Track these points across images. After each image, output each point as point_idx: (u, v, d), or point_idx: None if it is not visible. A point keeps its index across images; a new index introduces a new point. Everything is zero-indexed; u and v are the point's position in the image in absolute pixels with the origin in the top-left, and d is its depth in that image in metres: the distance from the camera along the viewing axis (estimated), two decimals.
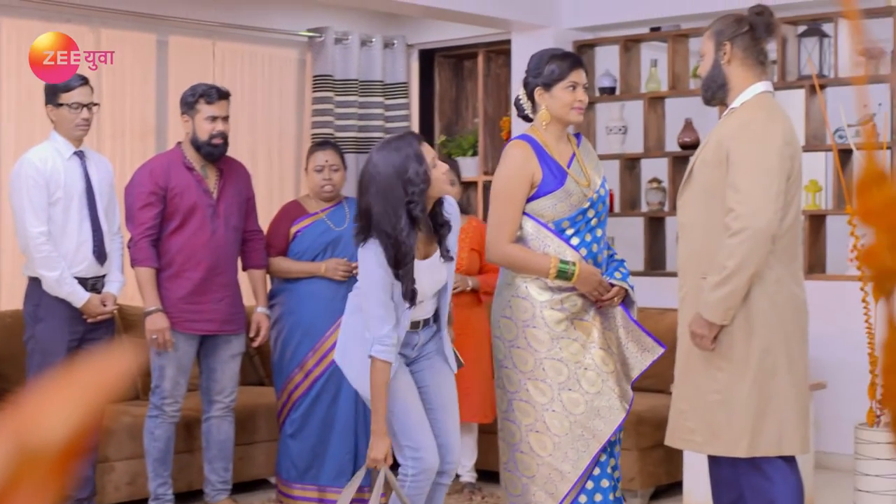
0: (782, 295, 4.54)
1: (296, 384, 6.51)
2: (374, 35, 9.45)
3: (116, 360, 0.85)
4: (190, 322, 6.12)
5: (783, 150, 4.48)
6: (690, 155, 8.38)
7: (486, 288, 6.91)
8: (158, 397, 6.18)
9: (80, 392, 0.81)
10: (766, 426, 4.53)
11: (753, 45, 4.66)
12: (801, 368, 4.64)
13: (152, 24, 8.28)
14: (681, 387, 4.77)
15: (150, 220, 6.03)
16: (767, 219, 4.40)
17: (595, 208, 5.04)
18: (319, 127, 9.05)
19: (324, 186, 6.55)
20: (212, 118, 6.13)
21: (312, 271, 6.48)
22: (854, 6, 1.18)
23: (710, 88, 4.73)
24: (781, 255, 4.53)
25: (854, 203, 1.13)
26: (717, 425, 4.58)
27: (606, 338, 5.03)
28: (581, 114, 5.06)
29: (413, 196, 4.56)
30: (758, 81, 4.65)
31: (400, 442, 4.82)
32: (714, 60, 4.69)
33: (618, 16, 8.55)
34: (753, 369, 4.52)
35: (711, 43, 4.71)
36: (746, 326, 4.52)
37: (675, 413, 4.79)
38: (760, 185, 4.42)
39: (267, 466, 7.15)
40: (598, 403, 4.96)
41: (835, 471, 7.44)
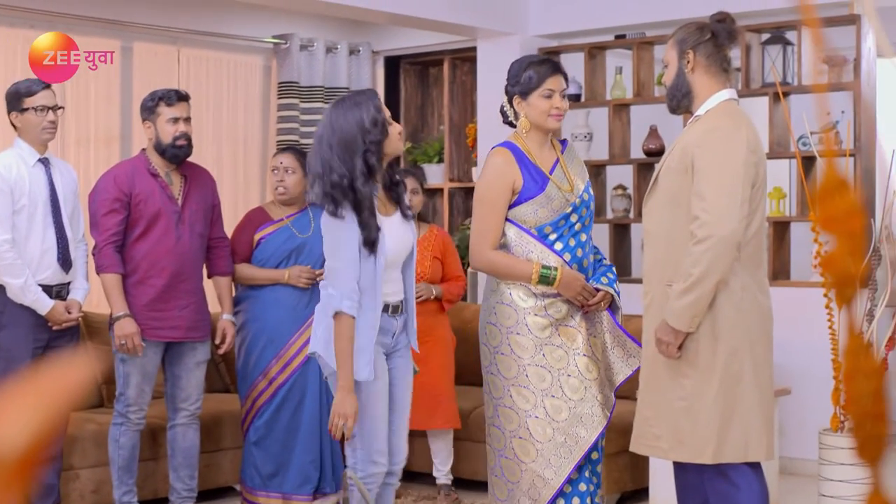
0: (747, 302, 4.55)
1: (260, 391, 6.50)
2: (340, 42, 9.45)
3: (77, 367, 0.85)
4: (155, 329, 6.09)
5: (748, 158, 4.49)
6: (655, 162, 8.42)
7: (448, 296, 6.94)
8: (123, 405, 6.15)
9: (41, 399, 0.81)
10: (732, 433, 4.54)
11: (716, 52, 4.67)
12: (766, 375, 4.65)
13: (117, 30, 8.25)
14: (646, 393, 4.77)
15: (115, 226, 6.01)
16: (732, 227, 4.41)
17: (578, 213, 5.06)
18: (285, 134, 9.04)
19: (276, 188, 6.57)
20: (174, 119, 6.12)
21: (276, 278, 6.48)
22: (814, 15, 1.18)
23: (675, 97, 4.73)
24: (746, 262, 4.54)
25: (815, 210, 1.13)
26: (683, 432, 4.59)
27: (592, 344, 5.05)
28: (559, 120, 5.07)
29: (370, 145, 4.63)
30: (722, 89, 4.66)
31: (357, 443, 4.79)
32: (678, 69, 4.69)
33: (583, 23, 8.58)
34: (719, 376, 4.52)
35: (675, 51, 4.71)
36: (712, 333, 4.52)
37: (639, 420, 4.79)
38: (725, 192, 4.43)
39: (233, 474, 7.13)
40: (580, 410, 4.99)
41: (799, 476, 7.47)
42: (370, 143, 4.63)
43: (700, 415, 4.54)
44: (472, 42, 9.04)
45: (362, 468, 4.79)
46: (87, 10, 8.00)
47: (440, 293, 6.88)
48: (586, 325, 5.04)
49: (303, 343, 6.50)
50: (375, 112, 4.66)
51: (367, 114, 4.65)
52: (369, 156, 4.63)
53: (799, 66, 7.79)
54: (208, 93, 8.80)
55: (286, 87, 9.11)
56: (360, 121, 4.64)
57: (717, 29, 4.67)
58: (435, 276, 6.93)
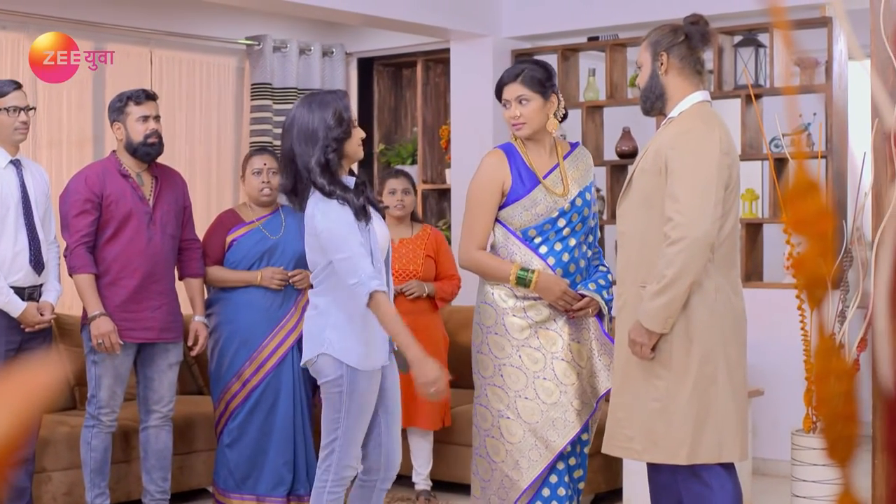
0: (721, 303, 4.56)
1: (233, 393, 6.49)
2: (313, 43, 9.44)
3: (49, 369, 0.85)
4: (127, 330, 6.07)
5: (721, 160, 4.49)
6: (629, 163, 8.45)
7: (441, 294, 6.95)
8: (95, 407, 6.13)
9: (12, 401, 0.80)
10: (706, 434, 4.54)
11: (690, 54, 4.67)
12: (739, 376, 4.66)
13: (89, 31, 8.22)
14: (619, 395, 4.77)
15: (86, 227, 5.98)
16: (705, 228, 4.42)
17: (567, 218, 5.08)
18: (258, 135, 9.02)
19: (262, 190, 6.56)
20: (143, 118, 6.10)
21: (248, 280, 6.47)
22: (785, 17, 1.19)
23: (649, 99, 4.73)
24: (720, 263, 4.55)
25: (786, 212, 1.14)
26: (657, 433, 4.59)
27: (573, 350, 5.06)
28: (517, 129, 5.08)
29: (329, 141, 4.66)
30: (695, 91, 4.66)
31: (335, 445, 4.78)
32: (651, 71, 4.70)
33: (556, 25, 8.59)
34: (693, 377, 4.53)
35: (648, 53, 4.71)
36: (685, 335, 4.53)
37: (612, 421, 4.79)
38: (698, 194, 4.43)
39: (206, 476, 7.11)
40: (553, 415, 5.01)
41: (772, 477, 7.50)
42: (331, 139, 4.66)
43: (674, 416, 4.55)
44: (445, 44, 9.04)
45: (335, 471, 4.78)
46: (59, 11, 7.97)
47: (433, 291, 6.89)
48: (569, 330, 5.05)
49: (276, 344, 6.50)
50: (343, 111, 4.70)
51: (333, 111, 4.68)
52: (327, 150, 4.65)
53: (771, 69, 7.82)
54: (181, 94, 8.78)
55: (259, 89, 9.10)
56: (324, 117, 4.68)
57: (691, 31, 4.67)
58: (428, 275, 6.94)
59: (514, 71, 5.15)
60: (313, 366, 4.80)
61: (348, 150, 4.73)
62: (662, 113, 4.74)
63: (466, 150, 8.74)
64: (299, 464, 6.60)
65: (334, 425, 4.77)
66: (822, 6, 7.61)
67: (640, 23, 8.16)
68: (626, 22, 8.26)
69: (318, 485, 4.84)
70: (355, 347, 4.71)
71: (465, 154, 8.75)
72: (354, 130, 4.74)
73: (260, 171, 6.59)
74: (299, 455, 6.60)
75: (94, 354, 6.07)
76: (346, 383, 4.71)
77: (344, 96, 4.81)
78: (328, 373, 4.73)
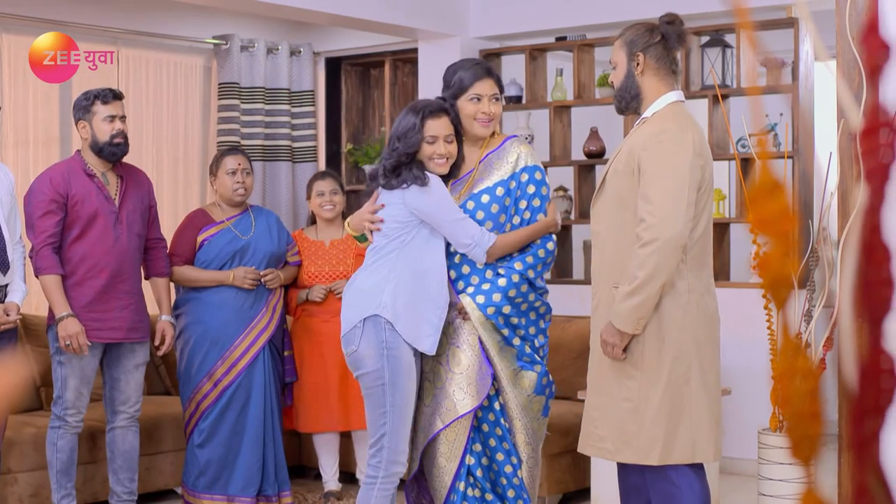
0: (693, 304, 4.56)
1: (204, 393, 6.48)
2: (281, 43, 9.42)
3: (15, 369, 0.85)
4: (95, 331, 6.05)
5: (694, 161, 4.49)
6: (596, 163, 8.47)
7: None
8: (61, 408, 6.10)
9: None
10: (680, 434, 4.54)
11: (666, 55, 4.67)
12: (712, 376, 4.66)
13: (55, 30, 8.17)
14: (592, 395, 4.76)
15: (52, 227, 5.95)
16: (677, 230, 4.42)
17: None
18: (225, 135, 9.00)
19: (237, 190, 6.57)
20: (110, 118, 6.07)
21: (221, 280, 6.47)
22: (749, 18, 1.19)
23: (624, 98, 4.71)
24: (692, 264, 4.55)
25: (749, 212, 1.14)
26: (629, 433, 4.59)
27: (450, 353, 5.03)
28: (486, 126, 5.03)
29: (392, 152, 4.89)
30: (670, 91, 4.66)
31: (384, 441, 4.79)
32: (627, 71, 4.68)
33: (524, 25, 8.60)
34: (665, 378, 4.53)
35: (623, 53, 4.70)
36: (658, 335, 4.53)
37: (586, 421, 4.80)
38: (671, 195, 4.43)
39: (173, 476, 7.10)
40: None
41: (739, 475, 7.53)
42: (394, 149, 4.90)
43: (646, 416, 4.55)
44: (412, 43, 9.04)
45: (385, 468, 4.80)
46: (26, 9, 7.93)
47: None
48: (450, 334, 5.01)
49: (248, 344, 6.50)
50: (412, 130, 4.89)
51: (406, 127, 4.90)
52: (386, 160, 4.91)
53: (738, 69, 7.85)
54: (148, 93, 8.75)
55: (227, 88, 9.07)
56: (398, 128, 4.94)
57: (668, 31, 4.66)
58: None
59: (485, 66, 5.12)
60: (352, 355, 4.85)
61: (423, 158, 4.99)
62: (637, 112, 4.73)
63: None
64: (268, 464, 6.60)
65: (381, 420, 4.79)
66: (788, 7, 7.64)
67: (607, 23, 8.18)
68: (594, 22, 8.28)
69: (367, 481, 4.85)
70: (406, 316, 4.79)
71: None
72: (428, 147, 4.93)
73: (234, 171, 6.59)
74: (268, 455, 6.60)
75: (60, 355, 6.04)
76: (388, 374, 4.76)
77: (426, 112, 4.95)
78: (368, 365, 4.79)
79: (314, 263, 6.94)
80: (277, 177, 9.34)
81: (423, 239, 4.87)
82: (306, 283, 6.94)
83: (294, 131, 9.49)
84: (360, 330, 4.81)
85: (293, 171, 9.45)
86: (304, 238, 7.05)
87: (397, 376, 4.76)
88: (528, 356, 5.04)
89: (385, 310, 4.78)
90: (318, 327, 6.90)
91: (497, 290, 4.94)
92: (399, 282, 4.80)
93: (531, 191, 5.04)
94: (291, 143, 9.46)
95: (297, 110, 9.53)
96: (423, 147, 4.87)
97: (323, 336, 6.87)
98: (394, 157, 4.86)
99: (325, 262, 6.93)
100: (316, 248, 6.99)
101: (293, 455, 7.51)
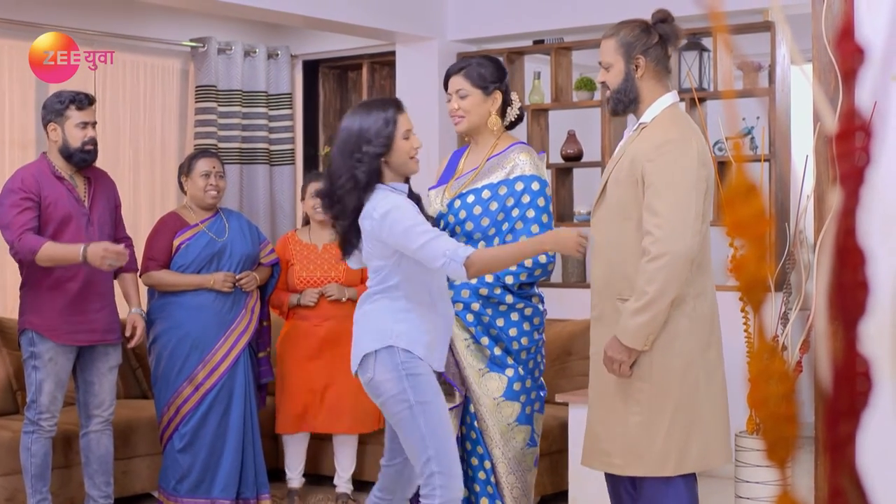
0: (698, 309, 4.47)
1: (185, 398, 6.47)
2: (258, 45, 9.41)
3: None
4: (71, 333, 6.01)
5: (699, 172, 4.38)
6: (574, 166, 8.49)
7: None
8: (35, 412, 6.06)
9: None
10: (693, 443, 4.46)
11: (664, 56, 4.58)
12: (719, 378, 4.56)
13: (31, 32, 8.14)
14: (595, 409, 4.62)
15: (29, 221, 5.87)
16: (687, 243, 4.30)
17: (445, 219, 5.04)
18: (202, 138, 8.98)
19: (210, 192, 6.55)
20: (83, 124, 6.04)
21: (201, 283, 6.45)
22: (724, 22, 1.20)
23: (622, 101, 4.56)
24: (696, 269, 4.45)
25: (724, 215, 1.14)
26: (640, 447, 4.47)
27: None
28: (456, 123, 5.06)
29: (362, 156, 4.40)
30: (666, 93, 4.56)
31: (432, 466, 4.39)
32: (626, 73, 4.54)
33: (501, 28, 8.60)
34: (676, 388, 4.43)
35: (621, 55, 4.55)
36: (666, 346, 4.42)
37: (590, 435, 4.63)
38: (680, 208, 4.32)
39: (150, 480, 7.07)
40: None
41: (717, 478, 7.54)
42: (364, 153, 4.42)
43: (660, 429, 4.43)
44: (390, 46, 9.04)
45: (441, 495, 4.40)
46: (1, 11, 7.90)
47: (354, 295, 6.87)
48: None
49: (229, 347, 6.50)
50: (382, 125, 4.46)
51: (372, 124, 4.45)
52: (358, 166, 4.43)
53: (715, 73, 7.87)
54: (125, 96, 8.73)
55: (204, 91, 9.06)
56: (363, 129, 4.45)
57: (665, 31, 4.56)
58: (351, 280, 6.94)
59: (459, 64, 5.13)
60: (370, 383, 4.49)
61: (395, 162, 4.52)
62: (634, 114, 4.61)
63: None
64: (247, 466, 6.60)
65: (421, 445, 4.42)
66: (765, 11, 7.67)
67: (585, 26, 8.19)
68: (572, 25, 8.29)
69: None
70: (422, 339, 4.48)
71: None
72: (403, 142, 4.52)
73: (208, 173, 6.58)
74: (247, 458, 6.60)
75: (33, 360, 6.01)
76: (413, 394, 4.41)
77: (392, 106, 4.57)
78: (388, 389, 4.44)
79: (306, 268, 6.92)
80: (255, 180, 9.33)
81: (411, 261, 4.45)
82: (298, 287, 6.91)
83: (272, 134, 9.48)
84: (374, 357, 4.46)
85: (271, 175, 9.43)
86: (296, 240, 7.03)
87: (423, 394, 4.42)
88: (499, 358, 4.99)
89: (400, 339, 4.44)
90: (308, 331, 6.89)
91: (466, 287, 4.95)
92: (409, 308, 4.48)
93: (525, 200, 4.97)
94: (269, 146, 9.44)
95: (274, 113, 9.52)
96: (398, 144, 4.47)
97: (312, 339, 6.87)
98: (365, 165, 4.41)
99: (318, 266, 6.91)
100: (308, 251, 6.97)
101: (271, 458, 7.50)
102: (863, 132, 1.07)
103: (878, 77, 1.15)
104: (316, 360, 6.85)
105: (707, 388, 4.50)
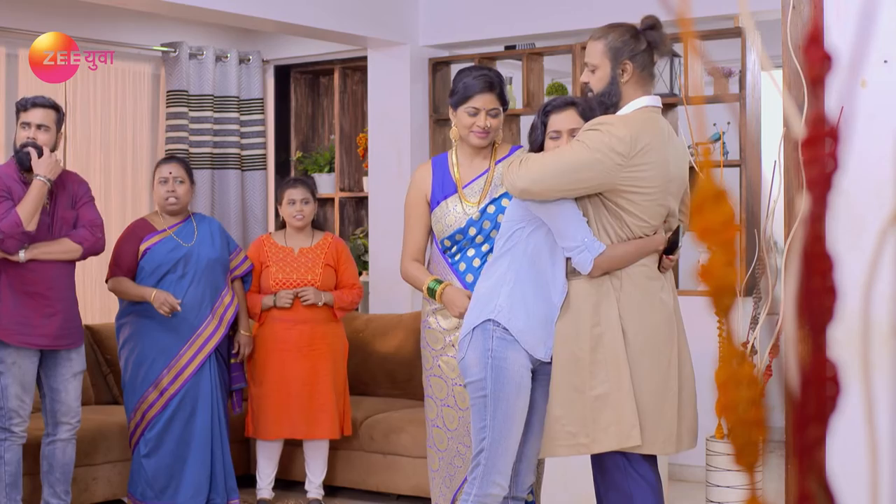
0: (651, 297, 4.52)
1: (150, 403, 6.45)
2: (230, 50, 9.39)
3: None
4: (24, 335, 5.95)
5: (610, 158, 4.32)
6: None
7: (340, 304, 6.95)
8: (5, 419, 6.01)
9: None
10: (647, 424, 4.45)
11: (651, 62, 4.58)
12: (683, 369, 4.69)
13: (2, 37, 8.12)
14: (555, 393, 4.55)
15: (5, 210, 5.83)
16: (523, 184, 4.34)
17: (478, 227, 4.98)
18: (174, 143, 8.96)
19: (167, 198, 6.55)
20: (25, 125, 6.01)
21: (143, 296, 6.42)
22: (692, 28, 1.20)
23: (604, 104, 4.55)
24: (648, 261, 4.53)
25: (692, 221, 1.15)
26: (605, 420, 4.43)
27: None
28: (481, 138, 5.01)
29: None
30: (644, 95, 4.55)
31: (481, 458, 4.47)
32: (611, 78, 4.53)
33: (473, 34, 8.62)
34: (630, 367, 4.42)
35: (608, 59, 4.54)
36: (619, 325, 4.44)
37: (550, 423, 4.55)
38: (554, 158, 4.38)
39: (120, 486, 7.04)
40: (459, 440, 5.01)
41: (688, 482, 7.56)
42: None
43: (620, 400, 4.41)
44: (362, 51, 9.04)
45: (479, 486, 4.47)
46: None
47: (330, 300, 6.89)
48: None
49: (194, 352, 6.49)
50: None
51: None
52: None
53: (686, 78, 7.90)
54: (96, 101, 8.70)
55: (175, 96, 9.03)
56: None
57: (653, 38, 4.55)
58: (327, 284, 6.95)
59: (488, 79, 5.03)
60: (461, 363, 4.54)
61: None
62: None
63: (384, 157, 8.76)
64: (216, 472, 6.58)
65: (480, 435, 4.48)
66: (735, 17, 7.70)
67: (556, 32, 8.21)
68: (543, 31, 8.30)
69: (463, 497, 4.54)
70: (522, 318, 4.46)
71: (382, 162, 8.77)
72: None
73: (166, 179, 6.57)
74: (216, 463, 6.58)
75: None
76: (491, 385, 4.44)
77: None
78: (472, 373, 4.48)
79: (281, 270, 6.92)
80: (227, 185, 9.31)
81: (541, 237, 4.49)
82: (272, 288, 6.91)
83: (243, 139, 9.47)
84: (470, 337, 4.49)
85: (242, 180, 9.42)
86: (271, 242, 7.02)
87: (501, 388, 4.43)
88: None
89: (500, 313, 4.45)
90: (283, 334, 6.88)
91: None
92: (516, 282, 4.48)
93: None
94: (241, 151, 9.43)
95: (246, 118, 9.51)
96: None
97: (287, 343, 6.87)
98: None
99: (293, 269, 6.91)
100: (284, 254, 6.97)
101: (242, 463, 7.48)
102: (831, 138, 1.08)
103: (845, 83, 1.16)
104: (292, 365, 6.85)
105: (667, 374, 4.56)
